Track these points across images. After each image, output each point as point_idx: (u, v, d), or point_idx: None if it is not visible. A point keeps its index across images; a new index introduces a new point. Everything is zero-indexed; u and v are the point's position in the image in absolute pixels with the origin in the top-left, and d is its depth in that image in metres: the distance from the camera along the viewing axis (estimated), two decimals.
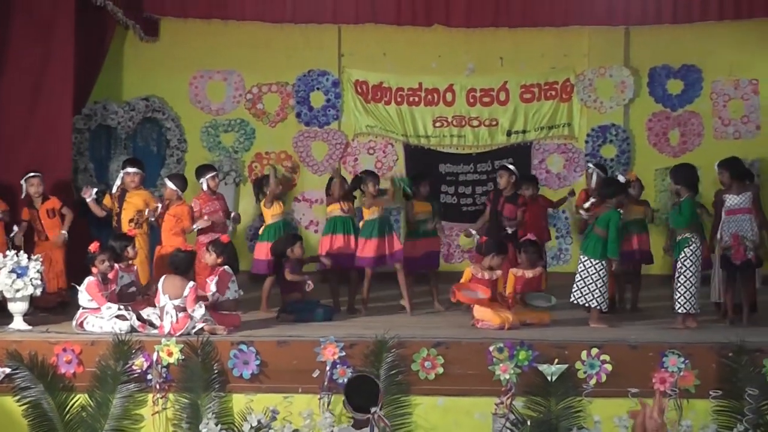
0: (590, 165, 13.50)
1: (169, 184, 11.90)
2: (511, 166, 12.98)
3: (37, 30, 12.02)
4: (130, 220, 11.70)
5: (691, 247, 10.50)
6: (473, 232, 12.36)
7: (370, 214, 11.79)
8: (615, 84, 15.16)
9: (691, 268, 10.46)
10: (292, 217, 14.13)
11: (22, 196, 11.60)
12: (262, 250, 11.99)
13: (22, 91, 11.88)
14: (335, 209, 12.05)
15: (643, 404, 5.73)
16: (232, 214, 12.08)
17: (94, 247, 10.44)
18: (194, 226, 11.57)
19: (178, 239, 11.50)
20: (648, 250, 12.23)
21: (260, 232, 12.21)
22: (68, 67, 12.37)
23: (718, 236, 10.92)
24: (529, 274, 11.06)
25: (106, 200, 12.02)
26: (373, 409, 6.28)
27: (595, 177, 12.72)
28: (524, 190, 12.70)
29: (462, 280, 10.76)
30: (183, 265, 10.07)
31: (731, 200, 10.86)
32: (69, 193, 12.49)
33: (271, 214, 12.05)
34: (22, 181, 11.57)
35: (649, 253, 12.26)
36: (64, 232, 11.64)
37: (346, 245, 11.91)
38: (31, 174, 11.61)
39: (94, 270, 10.21)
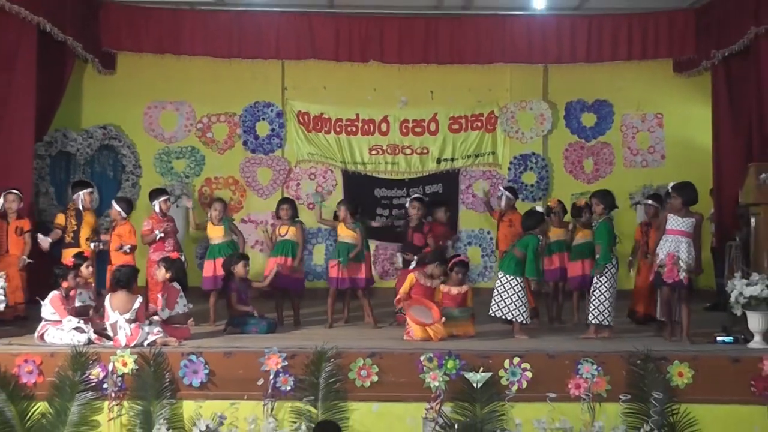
0: (501, 188, 13.28)
1: (115, 206, 11.81)
2: (422, 197, 12.91)
3: (0, 61, 11.87)
4: (87, 239, 11.62)
5: (607, 266, 10.62)
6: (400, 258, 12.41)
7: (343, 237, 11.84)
8: (535, 116, 15.37)
9: (605, 284, 10.56)
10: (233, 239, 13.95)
11: None
12: (208, 268, 11.97)
13: None
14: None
15: None
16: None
17: (70, 262, 10.50)
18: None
19: (127, 257, 11.43)
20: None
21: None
22: (30, 97, 12.23)
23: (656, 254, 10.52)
24: (454, 290, 11.07)
25: (59, 219, 11.84)
26: None
27: (504, 199, 12.67)
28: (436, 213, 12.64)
29: (405, 286, 10.73)
30: (125, 278, 9.96)
31: (675, 221, 10.42)
32: (31, 214, 12.29)
33: (214, 236, 11.99)
34: (0, 196, 11.41)
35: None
36: (24, 257, 11.46)
37: (288, 265, 11.85)
38: (10, 190, 11.44)
39: (64, 284, 10.16)
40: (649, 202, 12.05)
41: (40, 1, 12.11)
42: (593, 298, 10.59)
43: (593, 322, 10.54)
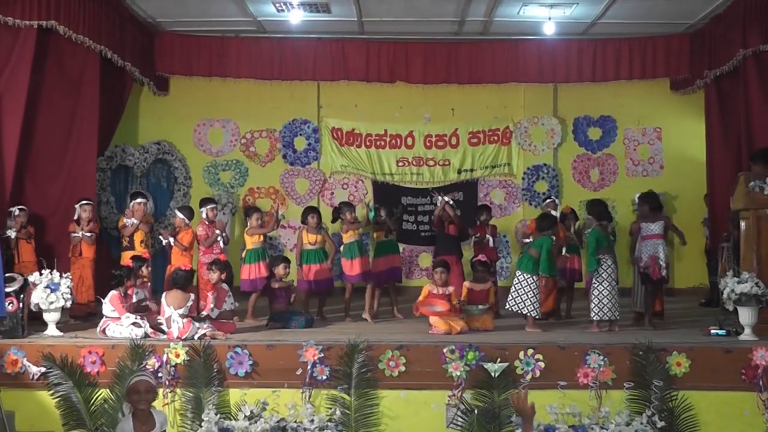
0: (554, 199, 13.37)
1: (179, 214, 11.89)
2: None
3: (68, 84, 11.95)
4: (141, 242, 11.69)
5: (603, 266, 10.57)
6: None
7: (348, 238, 11.75)
8: (546, 131, 15.33)
9: (603, 283, 10.51)
10: (270, 245, 13.96)
11: (75, 217, 11.43)
12: (246, 271, 11.83)
13: (54, 136, 11.76)
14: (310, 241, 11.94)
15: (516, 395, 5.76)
16: (224, 234, 11.90)
17: (128, 263, 10.69)
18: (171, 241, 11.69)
19: (185, 259, 11.49)
20: (578, 269, 12.28)
21: (242, 255, 12.06)
22: (93, 117, 12.32)
23: (637, 257, 10.95)
24: (477, 287, 11.06)
25: (120, 222, 11.96)
26: None
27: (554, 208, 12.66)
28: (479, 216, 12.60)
29: (420, 297, 10.70)
30: (183, 281, 10.03)
31: (648, 228, 10.91)
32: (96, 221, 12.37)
33: (252, 242, 11.95)
34: (77, 206, 11.43)
35: (579, 272, 12.30)
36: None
37: (321, 270, 11.82)
38: (85, 201, 11.51)
39: (128, 283, 10.28)
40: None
41: (102, 32, 12.23)
42: (593, 296, 10.55)
43: (596, 318, 10.52)
